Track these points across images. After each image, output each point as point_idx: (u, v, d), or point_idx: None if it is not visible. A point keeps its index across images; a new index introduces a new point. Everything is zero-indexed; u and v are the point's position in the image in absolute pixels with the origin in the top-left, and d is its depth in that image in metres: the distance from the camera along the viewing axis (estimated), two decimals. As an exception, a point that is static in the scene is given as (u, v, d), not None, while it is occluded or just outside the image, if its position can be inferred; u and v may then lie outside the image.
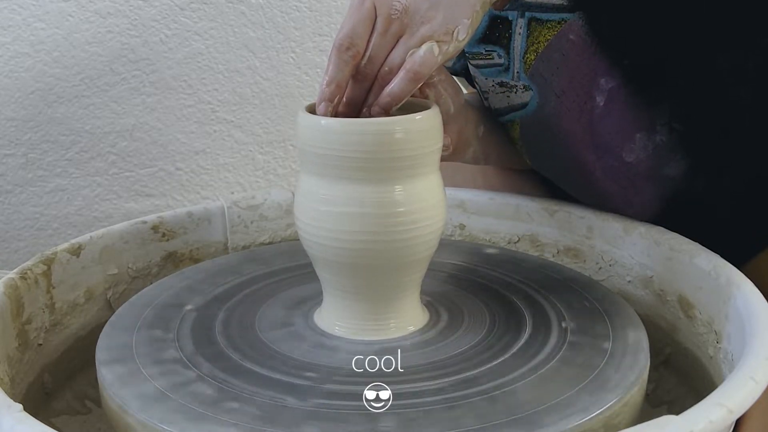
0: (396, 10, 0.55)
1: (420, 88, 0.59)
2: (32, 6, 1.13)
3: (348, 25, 0.56)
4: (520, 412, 0.48)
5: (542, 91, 0.67)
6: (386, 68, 0.56)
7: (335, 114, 0.57)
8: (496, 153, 0.76)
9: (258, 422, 0.47)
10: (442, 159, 0.58)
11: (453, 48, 0.55)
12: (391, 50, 0.56)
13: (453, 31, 0.55)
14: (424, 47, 0.54)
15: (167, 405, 0.49)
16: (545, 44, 0.66)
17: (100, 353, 0.56)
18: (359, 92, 0.57)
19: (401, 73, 0.55)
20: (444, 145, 0.59)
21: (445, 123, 0.61)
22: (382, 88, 0.56)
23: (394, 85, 0.55)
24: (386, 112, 0.56)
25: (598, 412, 0.48)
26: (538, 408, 0.48)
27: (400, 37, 0.55)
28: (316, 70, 1.31)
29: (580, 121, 0.66)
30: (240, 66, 1.27)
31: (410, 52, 0.55)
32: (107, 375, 0.53)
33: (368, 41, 0.56)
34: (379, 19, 0.56)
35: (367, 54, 0.56)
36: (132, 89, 1.21)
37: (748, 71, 0.61)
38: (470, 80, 0.81)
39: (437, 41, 0.54)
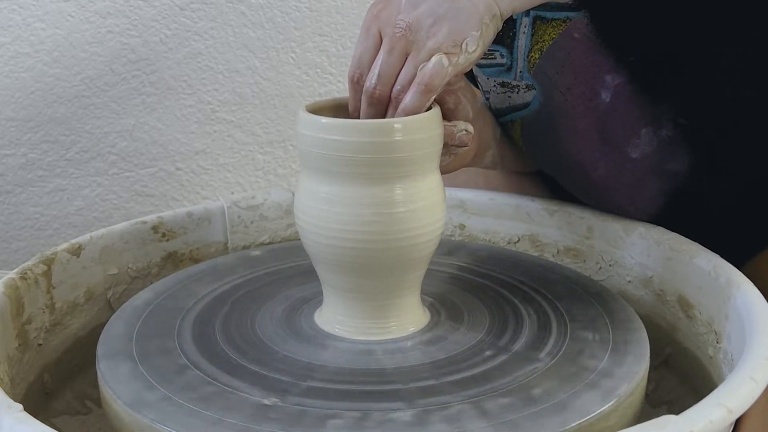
0: (399, 28, 0.55)
1: (440, 96, 0.59)
2: (32, 6, 1.13)
3: (356, 55, 0.57)
4: (519, 412, 0.48)
5: (546, 89, 0.68)
6: (398, 87, 0.56)
7: None
8: (512, 156, 0.76)
9: (258, 422, 0.47)
10: (465, 165, 0.58)
11: (464, 59, 0.55)
12: (401, 70, 0.56)
13: (461, 43, 0.55)
14: (433, 59, 0.54)
15: (167, 405, 0.49)
16: (550, 43, 0.66)
17: (100, 353, 0.57)
18: (376, 115, 0.57)
19: (413, 88, 0.55)
20: (465, 142, 0.59)
21: None
22: (397, 107, 0.56)
23: (407, 101, 0.55)
24: None
25: (597, 412, 0.48)
26: (537, 408, 0.48)
27: (408, 55, 0.56)
28: (316, 70, 1.31)
29: (586, 117, 0.66)
30: (240, 66, 1.27)
31: (420, 66, 0.55)
32: (107, 375, 0.53)
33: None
34: (384, 40, 0.56)
35: (376, 73, 0.56)
36: (132, 89, 1.21)
37: (753, 68, 0.61)
38: (472, 80, 0.81)
39: (446, 53, 0.54)
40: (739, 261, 0.62)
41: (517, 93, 0.70)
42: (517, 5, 0.56)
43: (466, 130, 0.60)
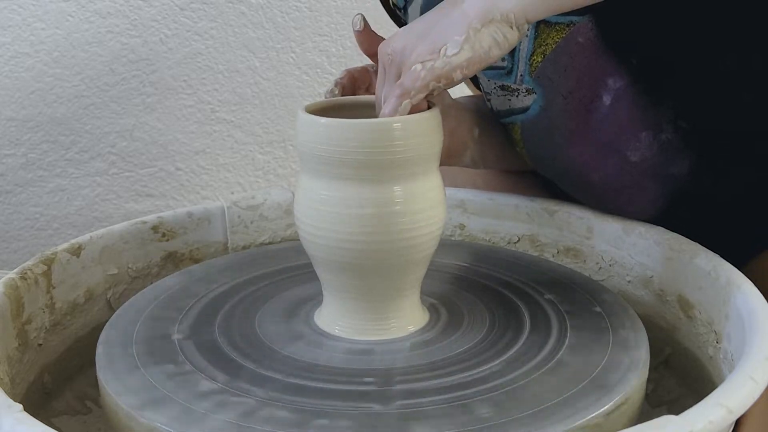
0: (388, 54, 0.57)
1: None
2: (32, 6, 1.13)
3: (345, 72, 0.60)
4: (519, 412, 0.48)
5: (548, 92, 0.67)
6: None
7: None
8: (494, 155, 0.76)
9: (257, 422, 0.47)
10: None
11: (442, 63, 0.54)
12: None
13: (440, 49, 0.54)
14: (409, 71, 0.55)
15: (167, 405, 0.49)
16: (553, 46, 0.66)
17: (100, 353, 0.57)
18: None
19: (391, 99, 0.55)
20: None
21: None
22: None
23: (384, 110, 0.55)
24: None
25: (597, 412, 0.48)
26: (537, 408, 0.48)
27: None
28: (316, 70, 1.31)
29: (587, 120, 0.66)
30: (240, 66, 1.27)
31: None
32: (107, 375, 0.53)
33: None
34: (380, 70, 0.58)
35: (378, 100, 0.58)
36: (132, 89, 1.21)
37: (754, 71, 0.62)
38: (475, 81, 0.81)
39: (421, 61, 0.54)
40: (739, 261, 0.62)
41: (517, 96, 0.70)
42: (537, 9, 0.54)
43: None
